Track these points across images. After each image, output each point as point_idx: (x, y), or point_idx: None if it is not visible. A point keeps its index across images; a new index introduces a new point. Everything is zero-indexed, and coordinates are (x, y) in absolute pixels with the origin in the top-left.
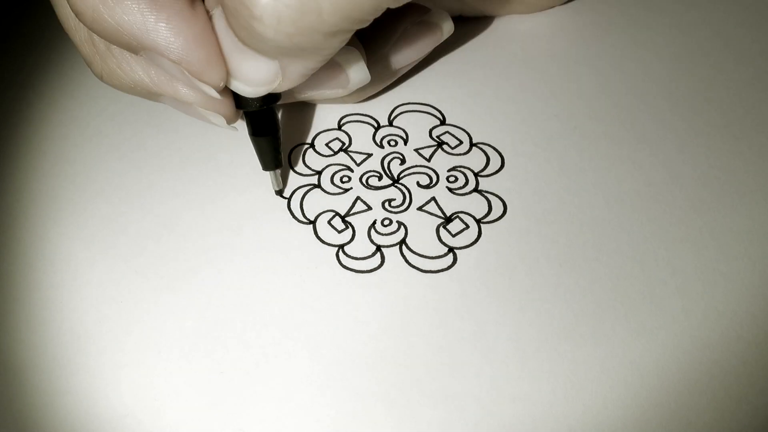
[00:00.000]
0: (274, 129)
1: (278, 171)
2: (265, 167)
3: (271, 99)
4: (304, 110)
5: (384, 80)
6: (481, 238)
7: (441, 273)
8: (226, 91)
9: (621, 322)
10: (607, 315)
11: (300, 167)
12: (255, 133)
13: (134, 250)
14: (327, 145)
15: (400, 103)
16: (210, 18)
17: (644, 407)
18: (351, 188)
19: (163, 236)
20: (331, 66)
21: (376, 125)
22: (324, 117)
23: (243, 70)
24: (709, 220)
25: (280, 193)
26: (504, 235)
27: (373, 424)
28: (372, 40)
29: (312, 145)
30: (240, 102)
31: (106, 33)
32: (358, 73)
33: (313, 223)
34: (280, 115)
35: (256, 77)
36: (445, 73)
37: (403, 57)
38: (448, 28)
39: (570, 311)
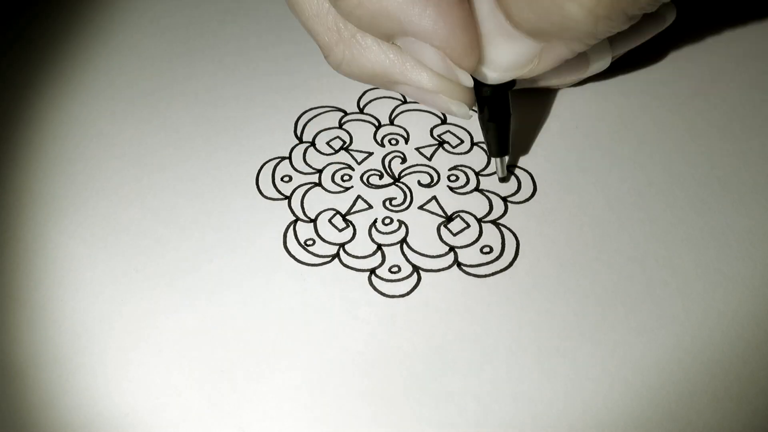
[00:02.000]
0: (507, 115)
1: (506, 158)
2: (493, 153)
3: (506, 86)
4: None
5: (605, 64)
6: (481, 237)
7: (441, 272)
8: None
9: (621, 321)
10: (607, 315)
11: (301, 165)
12: (490, 118)
13: (135, 249)
14: (328, 143)
15: (401, 102)
16: (469, 2)
17: (645, 407)
18: (352, 187)
19: (164, 235)
20: (580, 53)
21: (377, 124)
22: (325, 116)
23: (499, 55)
24: (709, 220)
25: (504, 180)
26: (505, 234)
27: (372, 424)
28: None
29: (313, 144)
30: (477, 86)
31: (368, 18)
32: (600, 61)
33: (313, 221)
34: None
35: (510, 61)
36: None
37: (627, 42)
38: (671, 16)
39: (570, 311)
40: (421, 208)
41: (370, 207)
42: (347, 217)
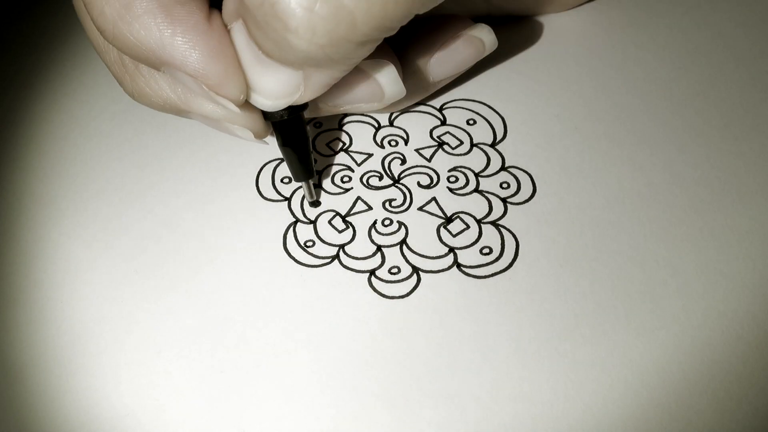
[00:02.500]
0: (303, 139)
1: (311, 181)
2: (296, 178)
3: (297, 109)
4: None
5: (421, 93)
6: (481, 239)
7: (441, 273)
8: (251, 105)
9: (621, 322)
10: (607, 315)
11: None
12: (283, 143)
13: (135, 250)
14: (328, 145)
15: None
16: (228, 32)
17: (644, 407)
18: (352, 188)
19: (164, 236)
20: (366, 79)
21: (376, 125)
22: (325, 117)
23: (263, 83)
24: (709, 221)
25: (314, 204)
26: (505, 235)
27: (373, 424)
28: (410, 53)
29: (313, 145)
30: (266, 113)
31: (126, 49)
32: (392, 87)
33: (313, 222)
34: None
35: (276, 89)
36: None
37: (441, 70)
38: (490, 42)
39: (570, 311)
40: (420, 209)
41: (370, 208)
42: (347, 219)
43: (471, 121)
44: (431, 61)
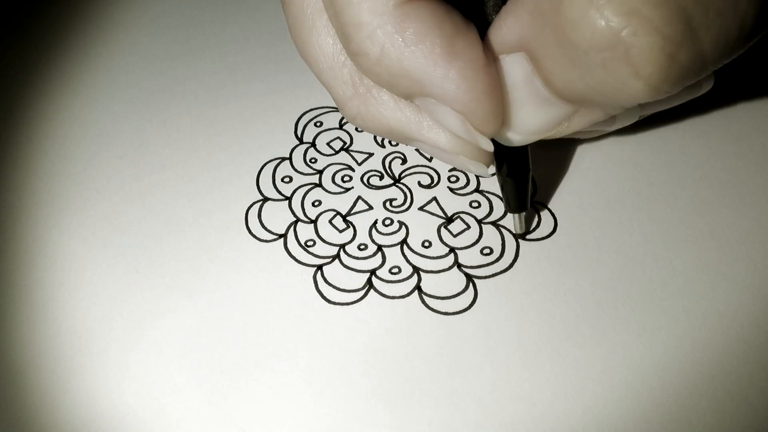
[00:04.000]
0: (525, 171)
1: (523, 214)
2: (512, 209)
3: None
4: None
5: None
6: (482, 239)
7: (442, 273)
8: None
9: (622, 322)
10: (608, 315)
11: (301, 165)
12: (508, 174)
13: (135, 249)
14: (328, 144)
15: None
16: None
17: (645, 407)
18: (352, 188)
19: (164, 235)
20: None
21: None
22: (325, 117)
23: (526, 119)
24: (710, 221)
25: (522, 236)
26: (505, 235)
27: (373, 424)
28: None
29: (313, 144)
30: (498, 144)
31: (388, 76)
32: (628, 117)
33: (314, 222)
34: None
35: (537, 126)
36: None
37: (659, 105)
38: (707, 85)
39: (571, 311)
40: (421, 209)
41: (371, 208)
42: (347, 218)
43: None
44: None
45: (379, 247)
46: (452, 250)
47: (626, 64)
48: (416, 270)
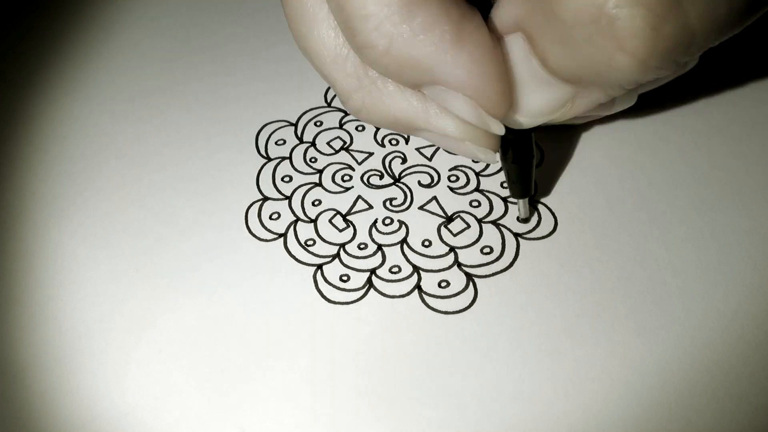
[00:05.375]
0: (529, 157)
1: (527, 199)
2: (516, 195)
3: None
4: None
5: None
6: (482, 238)
7: (442, 272)
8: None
9: (622, 322)
10: (607, 315)
11: (301, 165)
12: (514, 160)
13: (135, 249)
14: (328, 143)
15: None
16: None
17: (645, 407)
18: (352, 187)
19: (164, 235)
20: None
21: None
22: (325, 116)
23: (530, 101)
24: (710, 221)
25: (525, 221)
26: (505, 234)
27: (373, 424)
28: None
29: (313, 144)
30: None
31: (396, 66)
32: (627, 100)
33: (314, 221)
34: None
35: (541, 107)
36: None
37: (654, 82)
38: (693, 61)
39: (571, 311)
40: (421, 208)
41: (371, 207)
42: (347, 218)
43: None
44: None
45: (379, 247)
46: (452, 249)
47: (610, 38)
48: (416, 269)
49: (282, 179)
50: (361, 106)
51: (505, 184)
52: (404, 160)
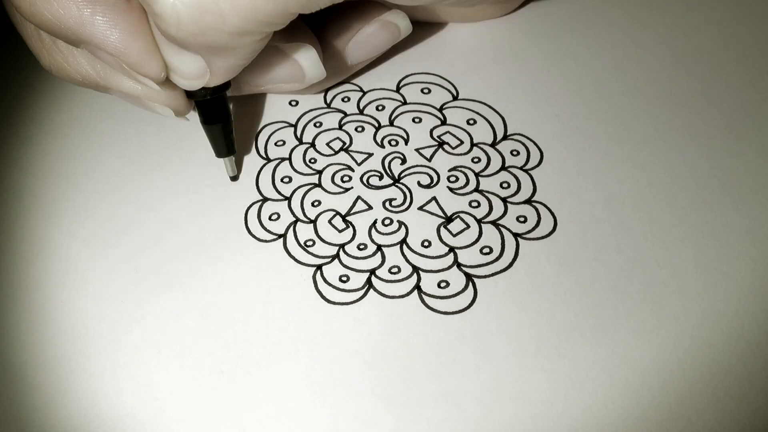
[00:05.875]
0: (225, 117)
1: (232, 158)
2: (218, 154)
3: (220, 89)
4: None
5: (340, 75)
6: (481, 238)
7: (441, 272)
8: (172, 83)
9: (621, 321)
10: (607, 315)
11: (300, 166)
12: (206, 121)
13: (135, 249)
14: (328, 144)
15: (401, 103)
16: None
17: (644, 407)
18: (352, 188)
19: (164, 235)
20: (287, 61)
21: (376, 125)
22: (324, 117)
23: (175, 64)
24: (709, 220)
25: (234, 178)
26: (505, 234)
27: (373, 424)
28: (329, 36)
29: (313, 145)
30: (189, 92)
31: (44, 26)
32: (313, 69)
33: (313, 222)
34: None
35: (186, 71)
36: (446, 74)
37: (359, 54)
38: (405, 27)
39: (570, 311)
40: (420, 208)
41: (370, 208)
42: (347, 218)
43: (471, 121)
44: (349, 44)
45: (379, 247)
46: (452, 249)
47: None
48: (416, 269)
49: (281, 180)
50: (50, 66)
51: (504, 185)
52: (404, 161)
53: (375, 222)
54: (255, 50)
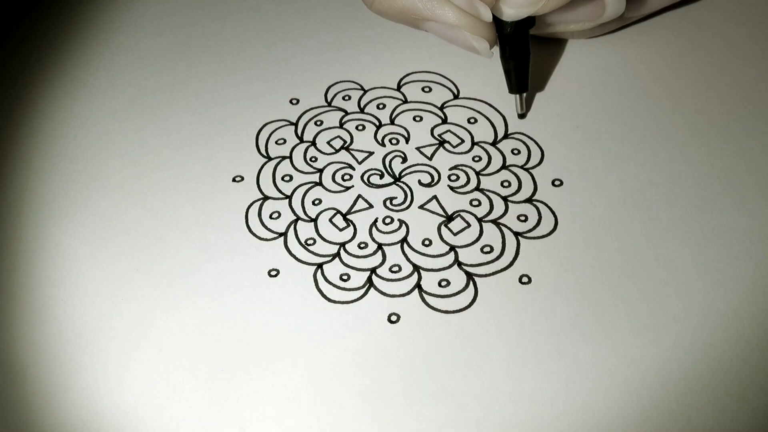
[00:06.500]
0: (526, 53)
1: (524, 95)
2: (513, 90)
3: (525, 24)
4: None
5: (625, 20)
6: (482, 237)
7: (442, 271)
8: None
9: (622, 321)
10: (608, 314)
11: (301, 164)
12: (509, 56)
13: (135, 248)
14: (329, 143)
15: (402, 101)
16: None
17: (645, 406)
18: (352, 186)
19: (165, 234)
20: None
21: (377, 123)
22: (325, 116)
23: None
24: (710, 220)
25: (522, 116)
26: (506, 233)
27: (373, 424)
28: None
29: (313, 143)
30: (498, 27)
31: None
32: (615, 5)
33: (314, 220)
34: None
35: None
36: (447, 73)
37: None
38: None
39: (571, 310)
40: (421, 207)
41: (371, 206)
42: (348, 217)
43: (472, 120)
44: None
45: (380, 246)
46: (452, 248)
47: None
48: (416, 268)
49: (282, 178)
50: (371, 0)
51: (505, 183)
52: (404, 160)
53: (376, 221)
54: None
